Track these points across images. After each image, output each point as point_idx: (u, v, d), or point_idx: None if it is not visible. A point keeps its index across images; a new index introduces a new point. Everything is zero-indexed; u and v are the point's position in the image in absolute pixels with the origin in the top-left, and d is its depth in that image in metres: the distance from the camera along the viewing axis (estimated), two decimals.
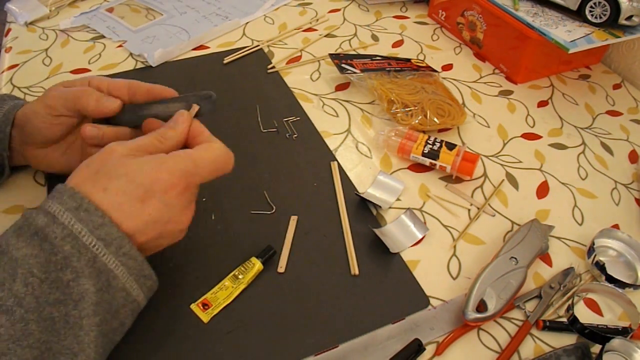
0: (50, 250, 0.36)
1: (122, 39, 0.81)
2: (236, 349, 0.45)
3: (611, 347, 0.46)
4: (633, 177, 0.67)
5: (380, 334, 0.48)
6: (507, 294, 0.49)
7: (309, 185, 0.60)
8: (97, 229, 0.37)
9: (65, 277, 0.36)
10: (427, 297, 0.51)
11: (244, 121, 0.67)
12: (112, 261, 0.37)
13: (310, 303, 0.49)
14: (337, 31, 0.88)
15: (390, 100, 0.69)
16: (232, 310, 0.48)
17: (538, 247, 0.53)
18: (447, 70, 0.81)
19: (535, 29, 0.73)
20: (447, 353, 0.47)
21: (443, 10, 0.90)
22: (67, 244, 0.36)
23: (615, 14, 0.70)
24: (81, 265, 0.36)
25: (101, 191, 0.39)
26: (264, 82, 0.75)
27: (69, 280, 0.36)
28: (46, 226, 0.36)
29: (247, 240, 0.53)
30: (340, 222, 0.56)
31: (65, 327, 0.35)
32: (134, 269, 0.39)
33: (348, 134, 0.68)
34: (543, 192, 0.63)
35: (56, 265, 0.36)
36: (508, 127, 0.72)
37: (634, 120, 0.76)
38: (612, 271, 0.53)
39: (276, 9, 0.92)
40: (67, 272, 0.36)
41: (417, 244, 0.56)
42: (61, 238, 0.36)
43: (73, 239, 0.36)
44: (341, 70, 0.73)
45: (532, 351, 0.48)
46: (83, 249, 0.37)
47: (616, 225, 0.60)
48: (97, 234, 0.37)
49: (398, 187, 0.61)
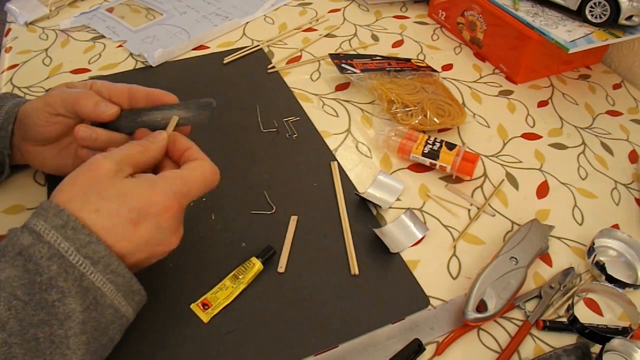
0: (35, 270, 0.35)
1: (122, 39, 0.81)
2: (236, 349, 0.45)
3: (611, 347, 0.46)
4: (633, 177, 0.67)
5: (380, 334, 0.48)
6: (507, 294, 0.49)
7: (309, 185, 0.60)
8: (84, 247, 0.37)
9: (50, 298, 0.35)
10: (427, 297, 0.51)
11: (244, 121, 0.67)
12: (100, 279, 0.37)
13: (310, 303, 0.49)
14: (337, 31, 0.88)
15: (390, 100, 0.69)
16: (232, 310, 0.48)
17: (538, 247, 0.53)
18: (447, 70, 0.81)
19: (535, 29, 0.73)
20: (447, 353, 0.47)
21: (443, 10, 0.90)
22: (53, 263, 0.36)
23: (615, 14, 0.70)
24: (68, 285, 0.36)
25: (93, 212, 0.38)
26: (264, 82, 0.75)
27: (54, 301, 0.35)
28: (31, 245, 0.36)
29: (246, 240, 0.53)
30: (340, 222, 0.56)
31: (51, 347, 0.35)
32: (123, 286, 0.39)
33: (348, 134, 0.68)
34: (543, 192, 0.63)
35: (41, 286, 0.35)
36: (508, 127, 0.72)
37: (634, 120, 0.76)
38: (612, 271, 0.53)
39: (276, 9, 0.92)
40: (53, 293, 0.35)
41: (417, 244, 0.56)
42: (47, 258, 0.36)
43: (60, 258, 0.36)
44: (341, 70, 0.73)
45: (532, 351, 0.48)
46: (70, 268, 0.36)
47: (616, 225, 0.60)
48: (83, 252, 0.37)
49: (398, 187, 0.61)
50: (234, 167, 0.61)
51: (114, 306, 0.38)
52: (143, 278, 0.41)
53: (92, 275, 0.37)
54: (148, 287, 0.41)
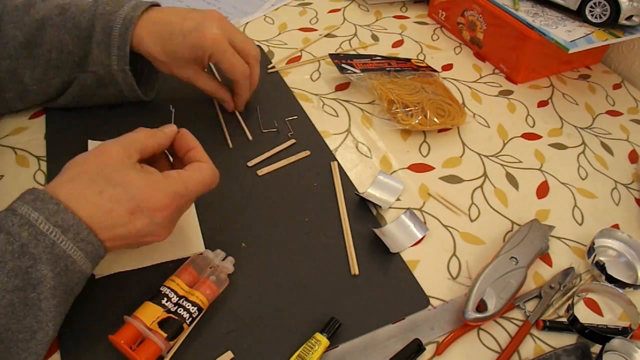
0: (6, 240, 0.37)
1: None
2: (236, 349, 0.45)
3: (611, 347, 0.46)
4: (633, 177, 0.67)
5: (380, 334, 0.48)
6: (507, 294, 0.49)
7: (309, 185, 0.60)
8: (53, 215, 0.39)
9: (23, 265, 0.37)
10: (427, 297, 0.51)
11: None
12: (70, 247, 0.39)
13: (310, 303, 0.49)
14: (337, 31, 0.88)
15: (390, 100, 0.69)
16: (232, 310, 0.48)
17: (538, 247, 0.53)
18: (447, 70, 0.81)
19: (535, 29, 0.73)
20: (447, 353, 0.47)
21: (443, 10, 0.90)
22: (24, 231, 0.38)
23: (615, 14, 0.70)
24: (39, 252, 0.38)
25: (97, 193, 0.41)
26: (264, 82, 0.75)
27: (27, 267, 0.37)
28: (4, 218, 0.38)
29: (247, 241, 0.54)
30: (340, 222, 0.56)
31: (25, 309, 0.37)
32: (91, 253, 0.41)
33: (348, 134, 0.68)
34: (543, 192, 0.63)
35: (13, 253, 0.37)
36: (508, 127, 0.72)
37: (634, 120, 0.76)
38: (612, 271, 0.53)
39: (276, 9, 0.92)
40: (25, 259, 0.37)
41: (417, 244, 0.56)
42: (18, 226, 0.38)
43: (30, 227, 0.38)
44: (341, 70, 0.73)
45: (532, 351, 0.48)
46: (40, 235, 0.38)
47: (616, 225, 0.60)
48: (52, 220, 0.38)
49: (398, 187, 0.61)
50: (233, 167, 0.61)
51: (82, 271, 0.41)
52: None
53: (63, 243, 0.39)
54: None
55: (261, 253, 0.53)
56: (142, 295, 0.46)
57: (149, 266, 0.50)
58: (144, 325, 0.43)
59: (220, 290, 0.48)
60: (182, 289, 0.46)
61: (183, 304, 0.45)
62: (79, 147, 0.60)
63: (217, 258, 0.50)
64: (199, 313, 0.46)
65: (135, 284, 0.49)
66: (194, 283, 0.47)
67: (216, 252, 0.50)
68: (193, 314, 0.45)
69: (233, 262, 0.50)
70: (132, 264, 0.50)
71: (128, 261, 0.50)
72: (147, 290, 0.47)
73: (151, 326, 0.43)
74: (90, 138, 0.61)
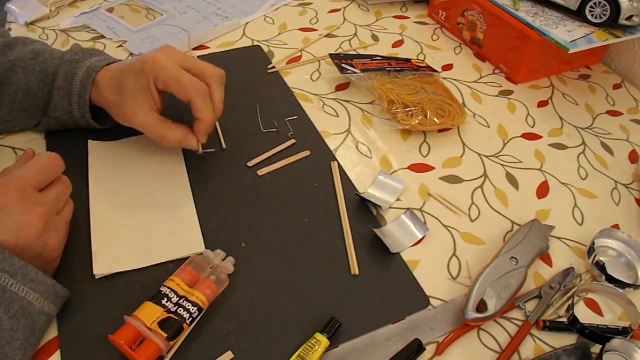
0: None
1: (122, 39, 0.81)
2: (236, 349, 0.45)
3: (611, 347, 0.46)
4: (633, 177, 0.67)
5: (380, 334, 0.48)
6: (507, 294, 0.49)
7: (309, 185, 0.60)
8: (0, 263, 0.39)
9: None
10: (427, 297, 0.51)
11: (244, 121, 0.67)
12: (21, 289, 0.40)
13: (310, 303, 0.49)
14: (337, 31, 0.88)
15: (390, 100, 0.69)
16: (232, 310, 0.48)
17: (538, 247, 0.53)
18: (447, 70, 0.81)
19: (535, 29, 0.73)
20: (447, 353, 0.47)
21: (443, 10, 0.90)
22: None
23: (615, 14, 0.70)
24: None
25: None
26: (264, 82, 0.75)
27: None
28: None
29: (247, 241, 0.53)
30: (340, 222, 0.56)
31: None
32: (47, 292, 0.42)
33: (348, 134, 0.68)
34: (543, 192, 0.63)
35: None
36: (508, 127, 0.72)
37: (634, 120, 0.76)
38: (612, 271, 0.53)
39: (276, 9, 0.92)
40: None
41: (417, 244, 0.56)
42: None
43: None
44: (341, 70, 0.73)
45: (532, 351, 0.48)
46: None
47: (616, 225, 0.60)
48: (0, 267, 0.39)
49: (398, 187, 0.61)
50: (234, 167, 0.61)
51: (44, 312, 0.42)
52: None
53: (13, 286, 0.39)
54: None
55: (261, 253, 0.53)
56: (142, 295, 0.46)
57: (149, 266, 0.50)
58: (144, 325, 0.43)
59: (220, 290, 0.48)
60: (182, 288, 0.46)
61: (183, 304, 0.45)
62: (79, 147, 0.60)
63: (217, 258, 0.50)
64: (199, 313, 0.46)
65: (135, 284, 0.49)
66: (193, 283, 0.47)
67: (216, 252, 0.51)
68: (193, 314, 0.45)
69: (233, 262, 0.50)
70: (132, 264, 0.50)
71: (128, 261, 0.50)
72: (147, 290, 0.47)
73: (151, 326, 0.43)
74: (90, 138, 0.61)
